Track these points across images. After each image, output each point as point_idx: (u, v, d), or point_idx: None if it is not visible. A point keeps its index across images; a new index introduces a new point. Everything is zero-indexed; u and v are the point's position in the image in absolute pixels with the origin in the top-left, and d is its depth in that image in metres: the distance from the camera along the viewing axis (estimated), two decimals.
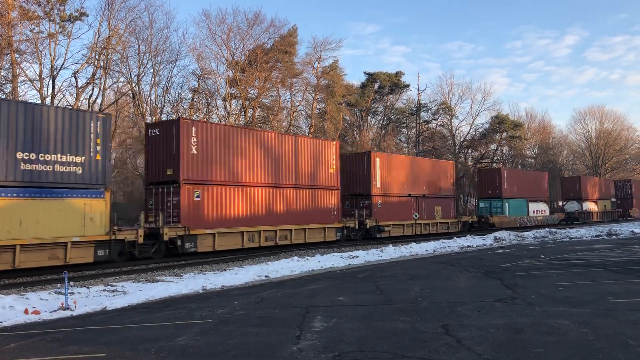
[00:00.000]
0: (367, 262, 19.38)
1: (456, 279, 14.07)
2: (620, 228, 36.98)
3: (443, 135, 67.83)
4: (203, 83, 42.46)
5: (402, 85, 63.05)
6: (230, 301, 11.38)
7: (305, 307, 10.47)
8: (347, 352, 7.19)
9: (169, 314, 10.12)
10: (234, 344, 7.69)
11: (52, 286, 14.27)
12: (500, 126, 67.23)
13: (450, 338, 7.76)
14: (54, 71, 32.51)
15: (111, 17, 35.03)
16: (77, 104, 33.02)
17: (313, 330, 8.42)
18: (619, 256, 19.19)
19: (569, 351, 7.00)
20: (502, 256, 20.36)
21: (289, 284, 14.05)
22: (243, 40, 43.72)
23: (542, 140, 78.43)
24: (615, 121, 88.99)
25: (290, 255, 21.28)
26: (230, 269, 17.35)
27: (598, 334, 7.85)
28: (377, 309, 10.20)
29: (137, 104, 37.73)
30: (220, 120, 43.02)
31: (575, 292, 11.54)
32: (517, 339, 7.64)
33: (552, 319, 8.85)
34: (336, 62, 52.53)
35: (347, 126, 57.32)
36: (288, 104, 49.55)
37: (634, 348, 7.10)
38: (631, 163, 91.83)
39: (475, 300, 10.85)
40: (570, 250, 22.47)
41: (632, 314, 9.20)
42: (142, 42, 37.42)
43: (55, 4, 32.17)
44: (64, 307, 10.73)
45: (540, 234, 32.73)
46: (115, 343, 7.96)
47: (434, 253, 22.78)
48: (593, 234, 33.14)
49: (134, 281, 15.10)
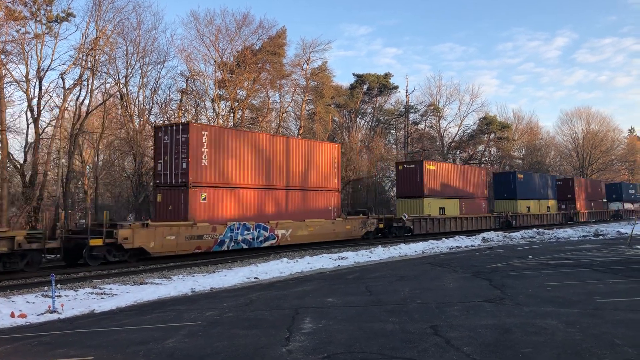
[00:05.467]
0: (357, 263, 19.41)
1: (445, 280, 14.13)
2: (607, 228, 37.39)
3: (431, 136, 68.08)
4: (191, 84, 42.28)
5: (390, 87, 63.23)
6: (219, 303, 11.35)
7: (294, 308, 10.46)
8: (336, 353, 7.19)
9: (158, 317, 10.07)
10: (223, 346, 7.67)
11: (39, 289, 14.14)
12: (488, 127, 67.65)
13: (439, 339, 7.79)
14: (40, 72, 32.17)
15: (99, 18, 34.73)
16: (64, 105, 32.74)
17: (302, 332, 8.41)
18: (605, 256, 19.38)
19: (556, 351, 7.06)
20: (490, 257, 20.47)
21: (278, 285, 14.03)
22: (232, 41, 43.62)
23: (529, 142, 78.98)
24: (602, 122, 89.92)
25: (281, 257, 21.25)
26: (219, 271, 17.29)
27: (585, 333, 7.92)
28: (366, 310, 10.22)
29: (125, 105, 37.44)
30: (209, 122, 42.91)
31: (563, 292, 11.64)
32: (506, 339, 7.69)
33: (540, 319, 8.91)
34: (325, 63, 52.57)
35: (336, 127, 57.36)
36: (277, 105, 49.52)
37: (620, 347, 7.18)
38: (617, 164, 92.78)
39: (464, 300, 10.90)
40: (558, 250, 22.65)
41: (618, 313, 9.30)
42: (130, 43, 37.17)
43: (41, 4, 31.86)
44: (51, 310, 10.63)
45: (528, 235, 33.01)
46: (103, 346, 7.90)
47: (423, 254, 22.85)
48: (580, 234, 33.48)
49: (122, 283, 15.00)
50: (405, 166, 38.39)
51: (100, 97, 37.79)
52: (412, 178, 36.90)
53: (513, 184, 46.95)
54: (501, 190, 47.86)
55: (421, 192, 36.05)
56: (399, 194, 38.18)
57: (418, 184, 35.98)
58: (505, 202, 47.26)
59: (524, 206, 47.77)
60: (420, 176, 35.85)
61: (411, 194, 36.63)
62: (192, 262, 20.32)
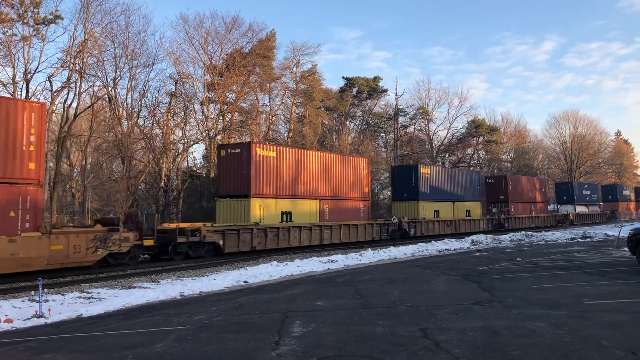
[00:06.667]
0: (346, 266, 19.40)
1: (434, 283, 14.17)
2: (594, 231, 37.64)
3: (421, 139, 68.36)
4: (180, 87, 42.15)
5: (380, 90, 63.43)
6: (208, 307, 11.29)
7: (284, 312, 10.43)
8: (326, 356, 7.17)
9: (146, 321, 9.99)
10: (212, 351, 7.62)
11: (25, 293, 13.98)
12: (477, 130, 68.06)
13: (428, 341, 7.80)
14: (27, 75, 31.95)
15: (87, 20, 34.59)
16: (51, 108, 32.51)
17: (292, 336, 8.38)
18: (593, 258, 19.53)
19: (545, 353, 7.09)
20: (479, 259, 20.56)
21: (267, 289, 13.99)
22: (221, 44, 43.58)
23: (517, 145, 79.53)
24: (589, 126, 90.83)
25: (270, 260, 21.22)
26: (208, 275, 17.20)
27: (573, 335, 7.97)
28: (356, 313, 10.21)
29: (113, 108, 37.26)
30: (198, 125, 42.79)
31: (551, 294, 11.70)
32: (495, 342, 7.71)
33: (529, 322, 8.95)
34: (315, 66, 52.68)
35: (325, 131, 57.42)
36: (267, 108, 49.49)
37: (608, 349, 7.23)
38: (604, 167, 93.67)
39: (453, 303, 10.93)
40: (546, 253, 22.80)
41: (606, 315, 9.36)
42: (119, 45, 37.04)
43: (29, 6, 31.65)
44: (38, 315, 10.51)
45: (517, 237, 33.17)
46: (91, 351, 7.83)
47: (412, 257, 22.90)
48: (568, 236, 33.70)
49: (110, 287, 14.87)
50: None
51: (89, 100, 37.62)
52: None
53: (415, 182, 36.66)
54: (401, 189, 37.71)
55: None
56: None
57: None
58: (405, 205, 36.84)
59: (430, 210, 37.36)
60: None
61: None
62: (181, 266, 20.22)
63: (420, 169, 37.57)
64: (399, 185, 37.91)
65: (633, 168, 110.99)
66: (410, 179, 36.97)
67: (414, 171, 37.27)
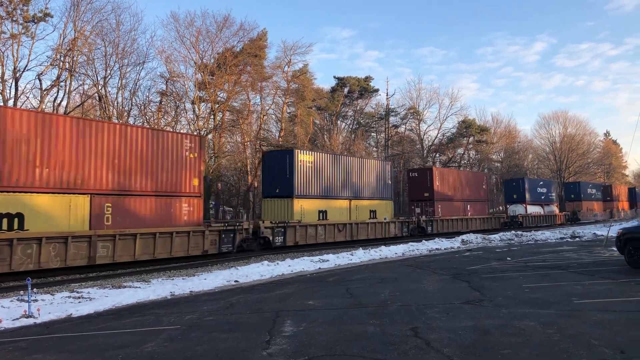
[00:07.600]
0: (338, 265, 19.43)
1: (425, 282, 14.21)
2: (584, 231, 37.89)
3: (411, 139, 68.59)
4: (171, 86, 42.01)
5: (371, 90, 63.59)
6: (199, 307, 11.26)
7: (275, 311, 10.43)
8: (317, 356, 7.18)
9: (137, 321, 9.96)
10: (203, 350, 7.61)
11: (14, 293, 13.88)
12: (467, 130, 68.37)
13: (419, 340, 7.83)
14: (17, 73, 31.74)
15: (77, 18, 34.41)
16: (41, 106, 32.28)
17: (283, 335, 8.39)
18: (582, 258, 19.67)
19: (534, 351, 7.14)
20: (470, 259, 20.65)
21: (258, 288, 13.97)
22: (212, 43, 43.46)
23: (507, 145, 79.94)
24: (578, 126, 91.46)
25: (261, 260, 21.20)
26: (199, 274, 17.17)
27: (563, 334, 8.03)
28: (347, 312, 10.23)
29: (103, 106, 37.03)
30: (189, 124, 42.65)
31: (541, 293, 11.78)
32: (485, 341, 7.76)
33: (519, 321, 9.01)
34: (306, 66, 52.69)
35: (317, 130, 57.43)
36: (258, 108, 49.44)
37: (597, 347, 7.29)
38: (593, 167, 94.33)
39: (444, 302, 10.97)
40: (536, 252, 22.93)
41: (594, 314, 9.44)
42: (109, 44, 36.84)
43: (18, 4, 31.43)
44: (27, 315, 10.44)
45: (506, 237, 33.30)
46: (81, 351, 7.79)
47: (403, 256, 22.96)
48: (557, 236, 33.88)
49: (100, 287, 14.80)
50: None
51: (79, 98, 37.39)
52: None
53: (289, 173, 28.11)
54: (272, 183, 28.87)
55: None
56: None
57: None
58: (277, 204, 28.40)
59: (313, 211, 28.78)
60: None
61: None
62: (172, 265, 20.16)
63: (298, 154, 28.37)
64: (269, 177, 28.97)
65: (621, 168, 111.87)
66: (284, 169, 28.11)
67: (288, 158, 28.08)
